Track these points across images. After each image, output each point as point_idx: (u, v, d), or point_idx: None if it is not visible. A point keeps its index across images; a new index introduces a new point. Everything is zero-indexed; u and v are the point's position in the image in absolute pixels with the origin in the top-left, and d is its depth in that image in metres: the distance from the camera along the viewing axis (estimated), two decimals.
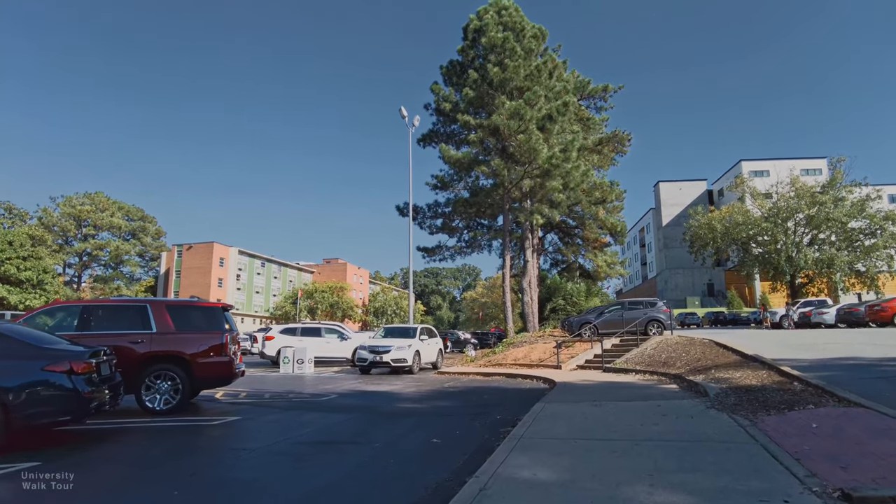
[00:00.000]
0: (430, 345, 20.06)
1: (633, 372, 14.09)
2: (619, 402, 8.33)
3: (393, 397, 11.56)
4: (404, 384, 14.27)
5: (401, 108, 27.46)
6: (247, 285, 79.62)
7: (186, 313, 9.57)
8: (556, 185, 29.20)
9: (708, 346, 14.74)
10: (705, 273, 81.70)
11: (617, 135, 33.73)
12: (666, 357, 14.54)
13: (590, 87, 33.83)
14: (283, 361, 19.47)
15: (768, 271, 41.39)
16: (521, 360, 19.15)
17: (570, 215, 39.96)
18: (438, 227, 35.74)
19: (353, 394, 12.28)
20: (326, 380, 15.98)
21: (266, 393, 12.38)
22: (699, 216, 45.27)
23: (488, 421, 7.94)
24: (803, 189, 39.52)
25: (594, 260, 44.07)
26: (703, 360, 12.83)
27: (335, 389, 13.04)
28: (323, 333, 22.42)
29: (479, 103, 30.89)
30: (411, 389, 12.87)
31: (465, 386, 13.61)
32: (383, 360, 17.68)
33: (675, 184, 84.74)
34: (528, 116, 27.87)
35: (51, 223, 74.50)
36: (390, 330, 20.20)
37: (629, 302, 23.18)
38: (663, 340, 17.06)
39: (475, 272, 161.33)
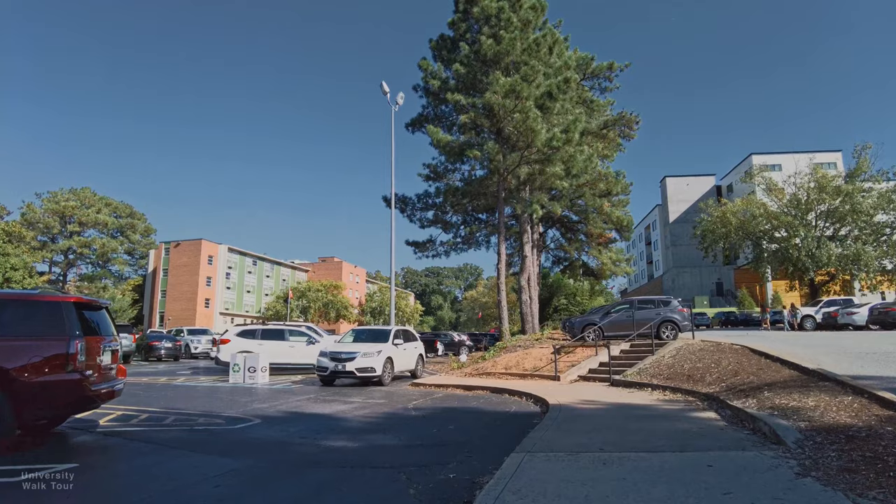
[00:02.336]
0: (408, 350, 17.11)
1: (650, 388, 11.13)
2: (641, 455, 5.26)
3: (330, 426, 8.64)
4: (361, 402, 11.34)
5: (382, 84, 24.52)
6: (237, 284, 76.68)
7: (9, 311, 6.65)
8: (557, 170, 26.24)
9: (742, 353, 11.77)
10: (714, 272, 78.75)
11: (624, 116, 30.69)
12: (690, 368, 11.56)
13: (593, 65, 30.80)
14: (234, 370, 16.56)
15: (787, 268, 38.21)
16: (513, 369, 16.20)
17: (572, 209, 37.10)
18: (430, 220, 32.81)
19: (283, 418, 9.37)
20: (272, 395, 13.07)
21: (172, 415, 9.49)
22: (711, 209, 42.17)
23: (431, 485, 4.99)
24: (825, 179, 36.36)
25: (598, 257, 41.24)
26: (742, 373, 9.86)
27: (266, 411, 10.12)
28: (287, 336, 19.49)
29: (472, 81, 27.93)
30: (363, 412, 9.94)
31: (436, 406, 10.65)
32: (346, 368, 14.75)
33: (683, 179, 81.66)
34: (525, 94, 24.93)
35: (34, 220, 71.76)
36: (360, 333, 17.26)
37: (639, 300, 20.20)
38: (683, 346, 14.08)
39: (477, 271, 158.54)
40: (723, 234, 40.59)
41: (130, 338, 25.93)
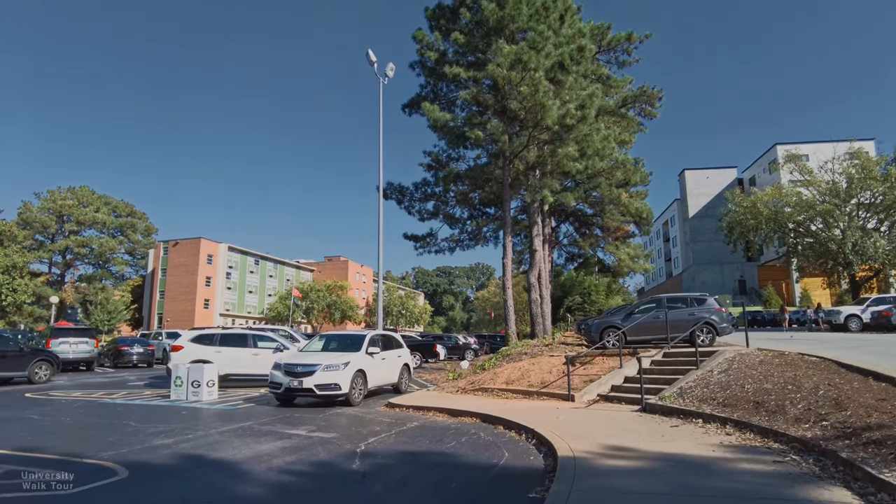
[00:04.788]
0: (388, 360, 14.00)
1: (701, 418, 7.93)
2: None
3: (218, 491, 5.59)
4: (302, 438, 8.26)
5: (368, 53, 21.42)
6: (238, 284, 74.02)
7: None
8: (570, 151, 23.04)
9: (827, 368, 8.56)
10: (736, 269, 74.93)
11: (645, 91, 27.25)
12: (756, 390, 8.33)
13: (609, 36, 27.41)
14: (175, 384, 13.58)
15: (826, 263, 34.54)
16: (516, 384, 13.04)
17: (586, 200, 33.89)
18: (430, 212, 29.74)
19: (166, 469, 6.36)
20: (198, 421, 10.06)
21: (12, 462, 6.53)
22: (739, 198, 38.56)
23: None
24: (870, 162, 32.65)
25: (615, 253, 37.97)
26: (850, 403, 6.65)
27: (157, 453, 7.10)
28: (252, 343, 16.45)
29: (473, 51, 24.82)
30: (287, 461, 6.85)
31: (396, 449, 7.49)
32: (303, 385, 11.67)
33: (702, 172, 77.71)
34: (533, 63, 21.78)
35: (31, 219, 69.73)
36: (329, 339, 14.15)
37: (668, 298, 16.90)
38: (735, 357, 10.81)
39: (489, 271, 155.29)
40: (752, 227, 37.04)
41: (92, 343, 23.13)
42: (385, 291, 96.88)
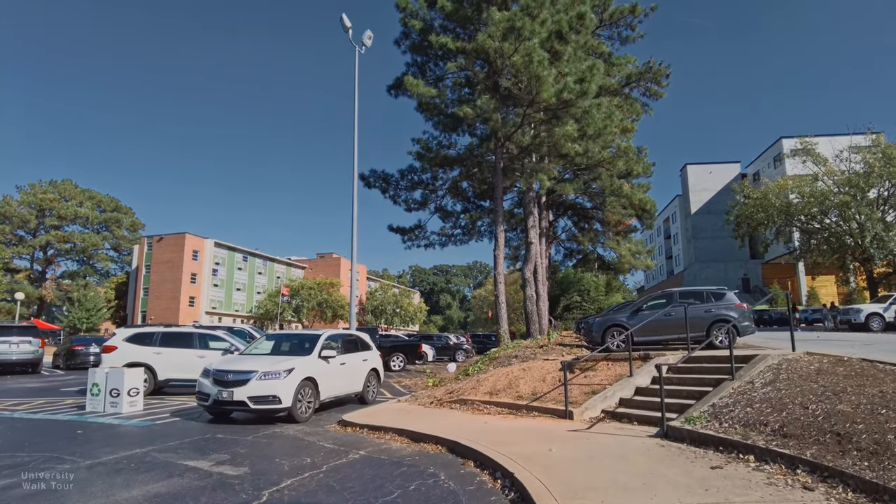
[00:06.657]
0: (348, 365, 11.62)
1: (752, 454, 5.62)
2: None
3: None
4: (185, 482, 5.89)
5: (342, 17, 19.02)
6: (226, 281, 71.48)
7: None
8: (568, 130, 20.72)
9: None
10: (739, 267, 72.57)
11: (651, 67, 24.85)
12: (826, 413, 5.99)
13: (611, 8, 25.03)
14: (92, 392, 11.22)
15: (842, 258, 32.26)
16: (502, 394, 10.70)
17: (586, 192, 31.59)
18: (417, 202, 27.34)
19: None
20: (88, 443, 7.69)
21: None
22: (748, 189, 36.24)
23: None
24: (892, 149, 30.39)
25: (616, 248, 35.59)
26: None
27: None
28: (197, 343, 14.08)
29: (462, 23, 22.52)
30: None
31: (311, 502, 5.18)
32: (235, 398, 9.32)
33: (705, 167, 75.29)
34: (528, 31, 19.44)
35: (10, 213, 67.18)
36: (280, 339, 11.78)
37: (680, 293, 14.66)
38: (782, 364, 8.44)
39: (486, 269, 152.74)
40: (762, 220, 34.74)
41: (37, 342, 20.76)
42: (380, 289, 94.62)
